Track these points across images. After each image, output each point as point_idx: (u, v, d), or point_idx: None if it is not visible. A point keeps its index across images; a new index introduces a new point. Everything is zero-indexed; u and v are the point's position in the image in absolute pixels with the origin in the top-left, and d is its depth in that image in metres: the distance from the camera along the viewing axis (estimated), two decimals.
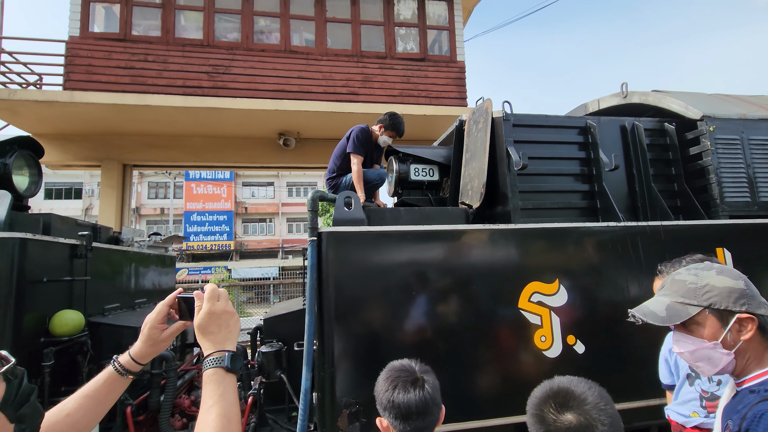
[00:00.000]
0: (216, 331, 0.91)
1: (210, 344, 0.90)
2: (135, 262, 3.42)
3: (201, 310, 0.93)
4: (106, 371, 0.99)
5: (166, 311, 1.04)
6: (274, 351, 2.56)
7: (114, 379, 0.98)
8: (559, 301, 2.39)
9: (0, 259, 1.96)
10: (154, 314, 1.03)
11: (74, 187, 26.37)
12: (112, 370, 0.99)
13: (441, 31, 8.09)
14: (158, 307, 1.03)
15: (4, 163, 2.70)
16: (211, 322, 0.92)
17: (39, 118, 6.69)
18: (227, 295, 0.99)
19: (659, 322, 1.16)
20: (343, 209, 2.33)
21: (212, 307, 0.93)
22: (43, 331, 2.19)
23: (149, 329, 1.02)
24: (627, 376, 2.38)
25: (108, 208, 7.58)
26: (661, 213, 2.81)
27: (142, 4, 7.08)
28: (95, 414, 0.95)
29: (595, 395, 0.95)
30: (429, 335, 2.20)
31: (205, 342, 0.90)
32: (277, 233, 29.44)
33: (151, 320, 1.02)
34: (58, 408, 0.91)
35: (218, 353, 0.88)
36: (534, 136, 2.86)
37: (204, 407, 0.81)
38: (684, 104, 3.05)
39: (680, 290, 1.16)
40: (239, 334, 0.99)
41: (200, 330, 0.91)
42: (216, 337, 0.91)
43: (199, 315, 0.93)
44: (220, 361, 0.86)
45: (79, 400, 0.93)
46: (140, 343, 1.02)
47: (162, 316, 1.03)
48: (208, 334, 0.91)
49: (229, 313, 0.94)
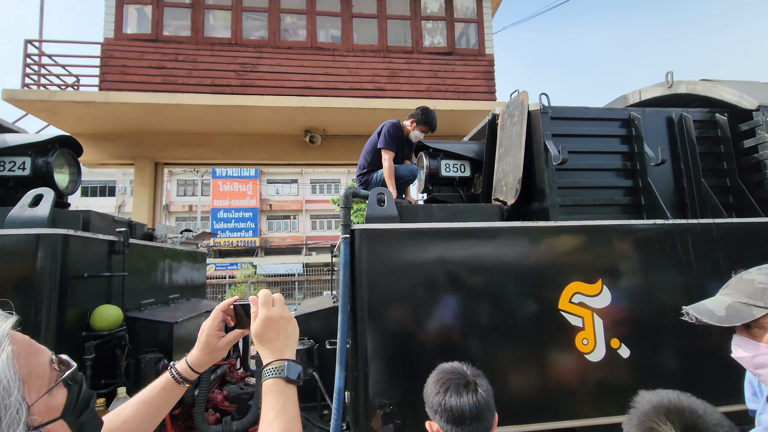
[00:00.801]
0: (275, 338, 0.88)
1: (269, 352, 0.86)
2: (168, 258, 3.48)
3: (256, 317, 0.89)
4: (163, 378, 0.97)
5: (222, 317, 1.01)
6: (306, 349, 2.54)
7: (171, 387, 0.97)
8: (603, 303, 2.27)
9: (44, 255, 2.00)
10: (210, 320, 1.00)
11: (108, 185, 27.43)
12: (169, 377, 0.97)
13: (469, 23, 7.93)
14: (214, 313, 1.00)
15: (47, 161, 2.79)
16: (269, 328, 0.88)
17: (77, 118, 6.94)
18: (283, 300, 0.94)
19: (715, 321, 1.07)
20: (376, 206, 2.28)
21: (268, 312, 0.89)
22: (85, 326, 2.23)
23: (206, 336, 0.99)
24: (675, 384, 2.24)
25: (141, 205, 7.80)
26: (712, 210, 2.64)
27: (172, 4, 7.23)
28: (152, 421, 0.93)
29: (718, 416, 0.80)
30: (464, 336, 2.14)
31: (264, 350, 0.87)
32: (300, 230, 29.80)
33: (207, 327, 0.99)
34: (115, 413, 0.90)
35: (278, 362, 0.84)
36: (573, 130, 2.73)
37: (265, 421, 0.78)
38: (738, 93, 2.85)
39: (746, 290, 1.06)
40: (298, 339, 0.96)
41: (258, 338, 0.88)
42: (275, 344, 0.87)
43: (255, 322, 0.89)
44: (280, 371, 0.83)
45: (136, 407, 0.91)
46: (197, 350, 1.00)
47: (218, 322, 1.00)
48: (266, 341, 0.87)
49: (286, 319, 0.90)
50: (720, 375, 2.24)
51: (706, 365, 2.26)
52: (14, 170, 2.77)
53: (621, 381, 2.20)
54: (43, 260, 2.01)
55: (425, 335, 2.10)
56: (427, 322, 2.11)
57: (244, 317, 1.00)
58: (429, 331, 2.11)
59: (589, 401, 2.18)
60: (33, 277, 1.99)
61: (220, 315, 1.00)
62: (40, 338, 1.95)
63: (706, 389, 2.23)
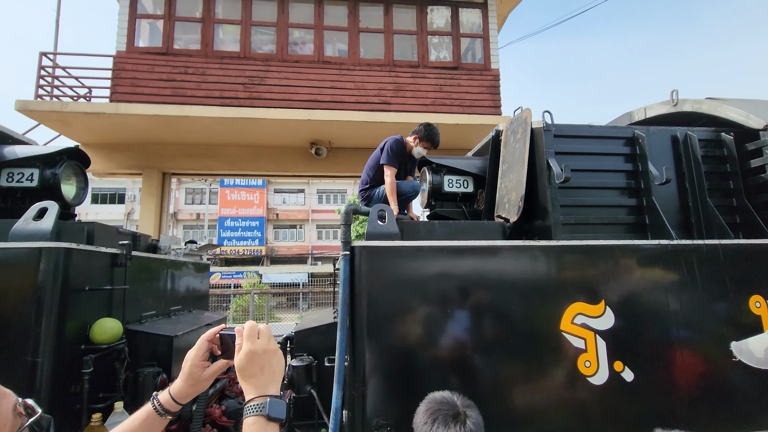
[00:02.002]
0: (258, 374, 0.84)
1: (251, 388, 0.83)
2: (171, 270, 3.49)
3: (240, 350, 0.86)
4: (144, 410, 0.95)
5: (207, 347, 0.98)
6: (305, 365, 2.52)
7: (153, 420, 0.94)
8: (606, 324, 2.23)
9: (46, 268, 2.02)
10: (195, 350, 0.97)
11: (118, 193, 27.79)
12: (151, 408, 0.94)
13: (475, 38, 7.99)
14: (199, 343, 0.97)
15: (54, 173, 2.83)
16: (252, 363, 0.85)
17: (87, 128, 7.06)
18: (270, 331, 0.91)
19: (754, 363, 1.04)
20: (377, 223, 2.28)
21: (252, 346, 0.86)
22: (84, 339, 2.24)
23: (190, 367, 0.96)
24: (681, 409, 2.19)
25: (148, 214, 7.88)
26: (718, 230, 2.60)
27: (183, 18, 7.38)
28: None
29: None
30: (463, 356, 2.10)
31: (246, 385, 0.84)
32: (306, 239, 29.86)
33: (192, 357, 0.96)
34: None
35: (260, 399, 0.81)
36: (576, 148, 2.72)
37: None
38: (744, 113, 2.83)
39: None
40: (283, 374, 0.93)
41: (240, 372, 0.85)
42: (258, 380, 0.84)
43: (238, 355, 0.86)
44: (261, 408, 0.79)
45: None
46: (181, 381, 0.96)
47: (203, 352, 0.97)
48: (249, 376, 0.84)
49: (271, 352, 0.87)
50: (727, 401, 2.18)
51: (713, 391, 2.21)
52: (22, 182, 2.81)
53: (625, 405, 2.15)
54: (44, 273, 2.02)
55: (424, 355, 2.07)
56: (426, 341, 2.09)
57: (231, 346, 0.97)
58: (428, 350, 2.08)
59: (592, 426, 2.13)
60: (34, 289, 2.00)
61: (206, 345, 0.97)
62: (38, 351, 1.96)
63: (713, 416, 2.17)
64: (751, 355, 1.05)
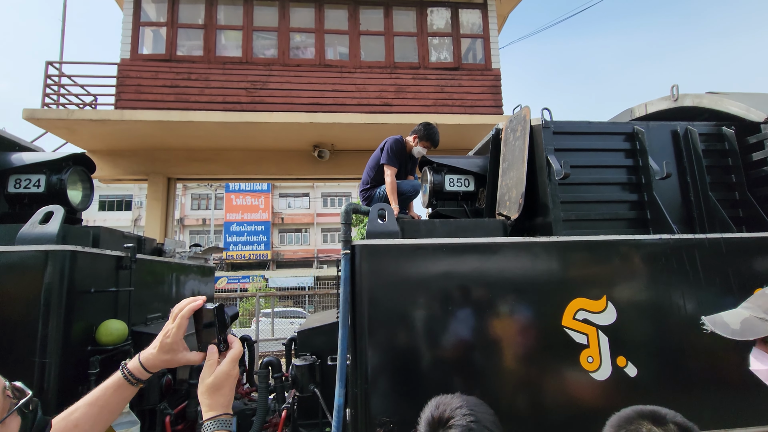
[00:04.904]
0: (228, 394, 0.90)
1: (218, 405, 0.88)
2: (176, 273, 3.53)
3: (220, 370, 0.91)
4: (114, 378, 0.94)
5: (186, 325, 0.96)
6: (308, 365, 2.54)
7: (124, 388, 0.93)
8: (608, 320, 2.23)
9: (52, 270, 2.06)
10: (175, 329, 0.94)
11: (125, 199, 28.02)
12: (120, 377, 0.93)
13: (475, 39, 8.01)
14: (179, 322, 0.94)
15: (60, 178, 2.88)
16: (227, 384, 0.90)
17: (93, 135, 7.16)
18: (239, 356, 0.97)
19: (728, 334, 1.08)
20: (377, 222, 2.29)
21: (234, 370, 0.92)
22: (90, 340, 2.27)
23: (163, 336, 0.95)
24: (684, 403, 2.17)
25: (153, 219, 7.95)
26: (720, 224, 2.59)
27: (186, 25, 7.47)
28: (104, 423, 0.92)
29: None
30: (465, 353, 2.11)
31: (213, 401, 0.88)
32: (312, 243, 29.91)
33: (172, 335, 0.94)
34: (65, 417, 0.87)
35: (225, 416, 0.87)
36: (576, 144, 2.73)
37: None
38: (745, 106, 2.82)
39: (765, 305, 1.06)
40: None
41: (213, 389, 0.89)
42: (226, 399, 0.90)
43: (216, 374, 0.90)
44: (228, 424, 0.87)
45: (87, 409, 0.89)
46: (153, 350, 0.95)
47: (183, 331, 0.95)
48: (219, 395, 0.89)
49: (235, 377, 0.93)
50: (731, 395, 2.17)
51: (716, 385, 2.19)
52: (29, 187, 2.87)
53: (628, 400, 2.14)
54: (51, 275, 2.06)
55: (426, 352, 2.08)
56: (427, 338, 2.10)
57: (214, 320, 0.95)
58: (429, 347, 2.09)
59: (595, 421, 2.12)
60: (41, 291, 2.04)
61: (185, 323, 0.96)
62: (46, 352, 1.99)
63: (717, 409, 2.16)
64: (726, 327, 1.07)
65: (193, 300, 0.97)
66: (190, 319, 0.96)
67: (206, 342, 0.95)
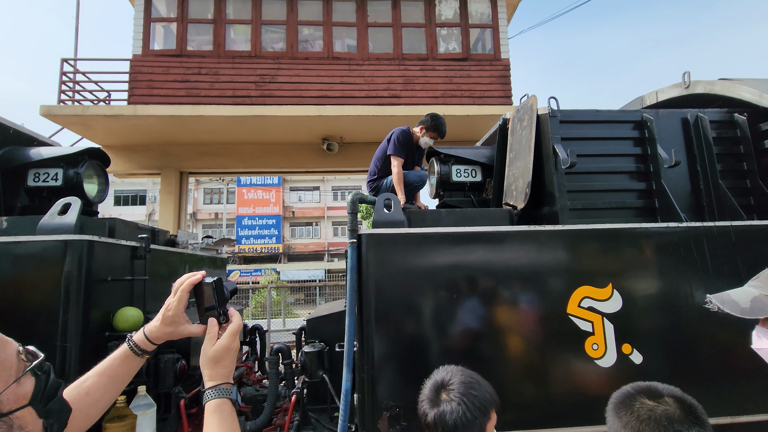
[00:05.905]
0: (229, 366, 0.93)
1: (219, 376, 0.91)
2: (189, 263, 3.62)
3: (220, 344, 0.93)
4: (121, 350, 0.98)
5: (187, 299, 1.00)
6: (317, 351, 2.60)
7: (130, 359, 0.97)
8: (613, 308, 2.23)
9: (71, 259, 2.14)
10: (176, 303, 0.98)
11: (139, 194, 28.53)
12: (127, 348, 0.97)
13: (484, 29, 7.93)
14: (180, 296, 0.98)
15: (77, 172, 2.97)
16: (227, 356, 0.93)
17: (107, 131, 7.30)
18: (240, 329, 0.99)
19: (738, 312, 1.07)
20: (383, 211, 2.32)
21: (234, 343, 0.94)
22: (108, 326, 2.36)
23: (165, 310, 0.99)
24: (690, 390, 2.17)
25: (167, 213, 8.11)
26: (730, 212, 2.56)
27: (196, 20, 7.55)
28: (114, 392, 0.96)
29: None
30: (470, 339, 2.14)
31: (213, 372, 0.91)
32: (322, 236, 30.13)
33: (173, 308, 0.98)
34: (77, 386, 0.92)
35: (226, 384, 0.90)
36: (583, 133, 2.71)
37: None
38: (758, 92, 2.76)
39: None
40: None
41: (214, 360, 0.92)
42: (227, 370, 0.93)
43: (216, 347, 0.92)
44: (229, 392, 0.89)
45: (98, 378, 0.94)
46: (156, 323, 0.99)
47: (184, 305, 0.99)
48: (221, 367, 0.92)
49: (236, 349, 0.96)
50: (738, 382, 2.17)
51: (722, 372, 2.19)
52: (48, 181, 2.96)
53: None
54: (70, 264, 2.14)
55: (431, 338, 2.12)
56: (433, 325, 2.13)
57: (213, 294, 0.99)
58: (435, 334, 2.12)
59: (600, 407, 2.14)
60: (61, 280, 2.12)
61: (186, 297, 1.00)
62: (67, 337, 2.08)
63: (724, 397, 2.16)
64: (735, 305, 1.07)
65: (193, 275, 1.01)
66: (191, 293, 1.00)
67: (206, 315, 0.98)
